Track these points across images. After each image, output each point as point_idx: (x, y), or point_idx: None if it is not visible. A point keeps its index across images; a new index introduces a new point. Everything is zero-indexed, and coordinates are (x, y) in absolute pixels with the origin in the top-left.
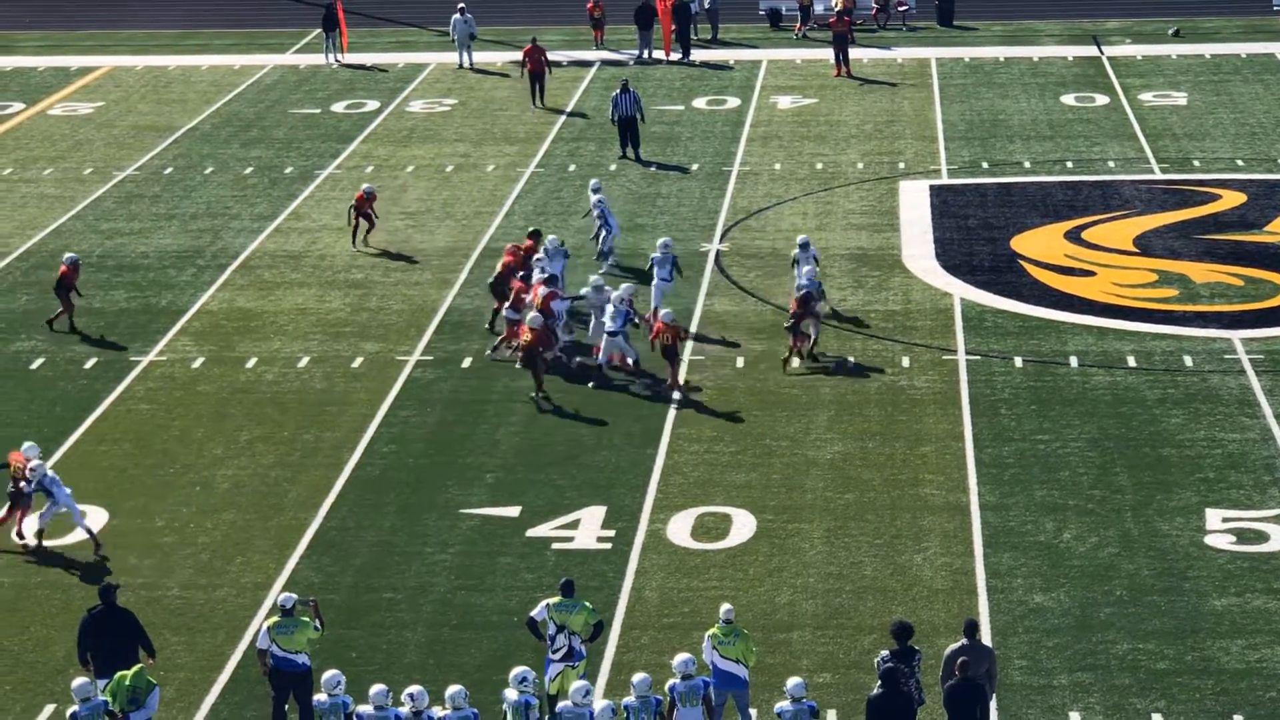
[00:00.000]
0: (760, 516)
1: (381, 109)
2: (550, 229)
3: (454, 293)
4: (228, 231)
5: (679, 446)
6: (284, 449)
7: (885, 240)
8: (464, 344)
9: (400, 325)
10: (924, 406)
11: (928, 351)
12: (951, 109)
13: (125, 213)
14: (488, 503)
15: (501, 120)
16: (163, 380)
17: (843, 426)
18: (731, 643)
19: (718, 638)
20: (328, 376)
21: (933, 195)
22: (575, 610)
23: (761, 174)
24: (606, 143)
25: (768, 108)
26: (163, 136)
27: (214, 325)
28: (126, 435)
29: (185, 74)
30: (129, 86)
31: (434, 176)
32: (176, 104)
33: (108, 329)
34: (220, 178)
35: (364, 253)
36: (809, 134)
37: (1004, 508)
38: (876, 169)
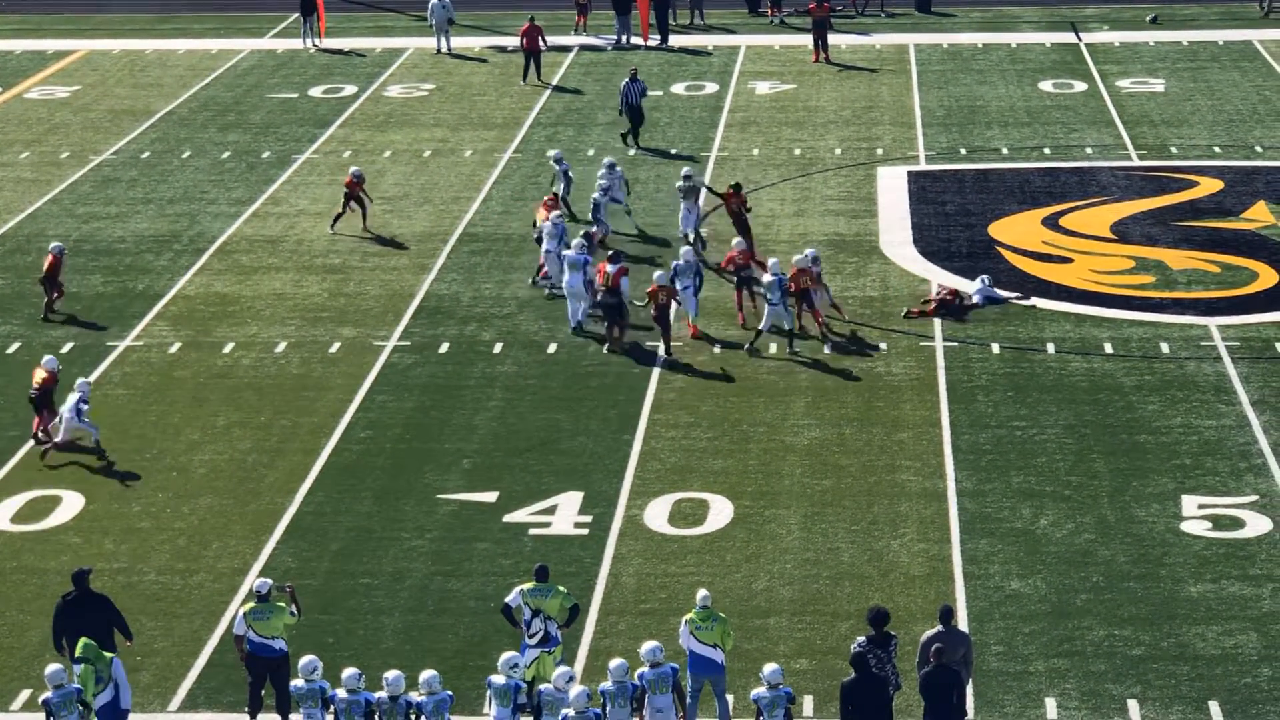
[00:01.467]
0: (737, 502)
1: (359, 94)
2: (526, 214)
3: (431, 278)
4: (205, 216)
5: (656, 432)
6: (261, 434)
7: (863, 226)
8: (441, 329)
9: (377, 310)
10: (901, 393)
11: (905, 338)
12: (930, 95)
13: (102, 197)
14: (465, 488)
15: (479, 105)
16: (139, 365)
17: (820, 412)
18: (709, 628)
19: (694, 622)
20: (305, 362)
21: (911, 181)
22: (550, 595)
23: (740, 160)
24: (585, 127)
25: (746, 93)
26: (140, 120)
27: (191, 310)
28: (103, 420)
29: (162, 58)
30: (106, 70)
31: (412, 161)
32: (153, 88)
33: (84, 313)
34: (197, 162)
35: (362, 236)
36: (787, 120)
37: (981, 494)
38: (854, 155)
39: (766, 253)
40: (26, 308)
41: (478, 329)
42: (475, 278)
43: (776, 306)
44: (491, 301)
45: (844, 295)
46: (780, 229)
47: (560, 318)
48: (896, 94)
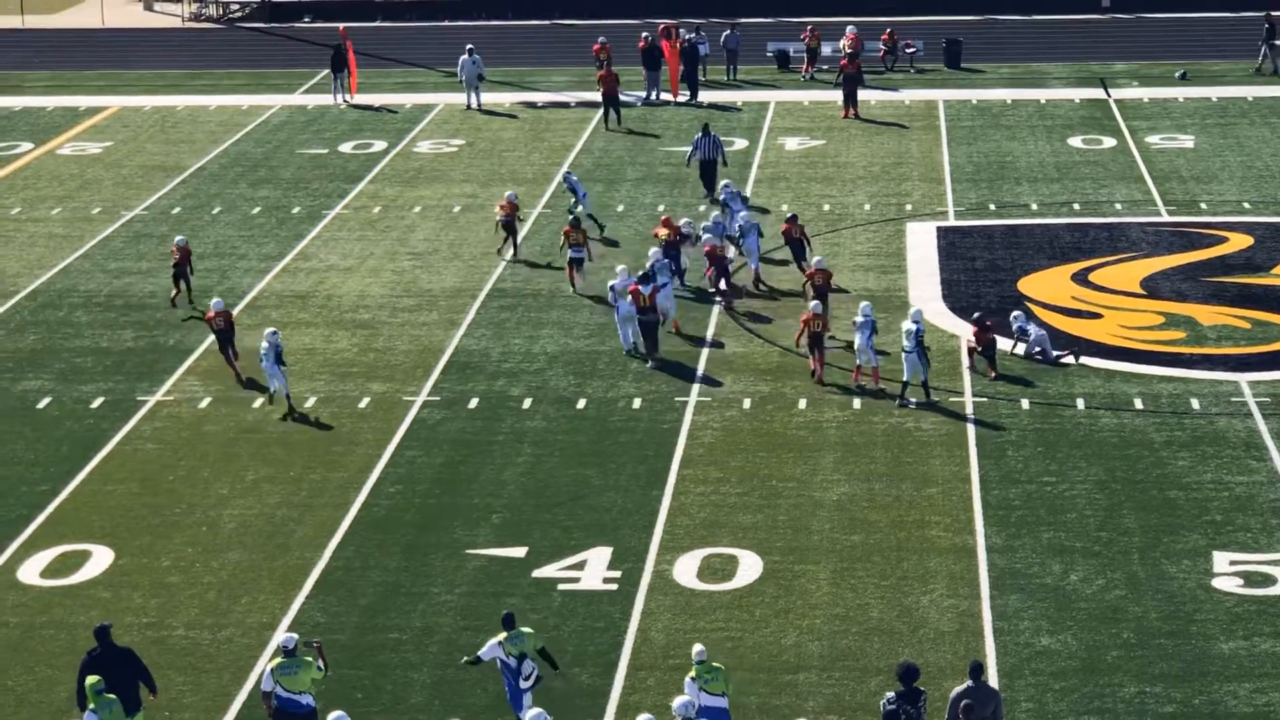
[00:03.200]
0: (767, 558)
1: (389, 149)
2: (557, 273)
3: (461, 333)
4: (235, 271)
5: (685, 488)
6: (290, 489)
7: (892, 282)
8: (471, 384)
9: (407, 365)
10: (931, 448)
11: (935, 393)
12: (959, 151)
13: (133, 252)
14: (494, 543)
15: (509, 161)
16: (169, 420)
17: (849, 468)
18: (714, 678)
19: (702, 677)
20: (335, 416)
21: (940, 237)
22: (525, 639)
23: (769, 215)
24: (614, 183)
25: (775, 149)
26: (171, 176)
27: (221, 365)
28: (133, 475)
29: (193, 114)
30: (137, 126)
31: (441, 217)
32: (185, 144)
33: (115, 368)
34: (228, 217)
35: (391, 293)
36: (816, 175)
37: (1011, 550)
38: (884, 210)
39: (796, 310)
40: (57, 362)
41: (507, 384)
42: (504, 333)
43: (911, 355)
44: (521, 357)
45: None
46: None
47: (588, 373)
48: (926, 149)
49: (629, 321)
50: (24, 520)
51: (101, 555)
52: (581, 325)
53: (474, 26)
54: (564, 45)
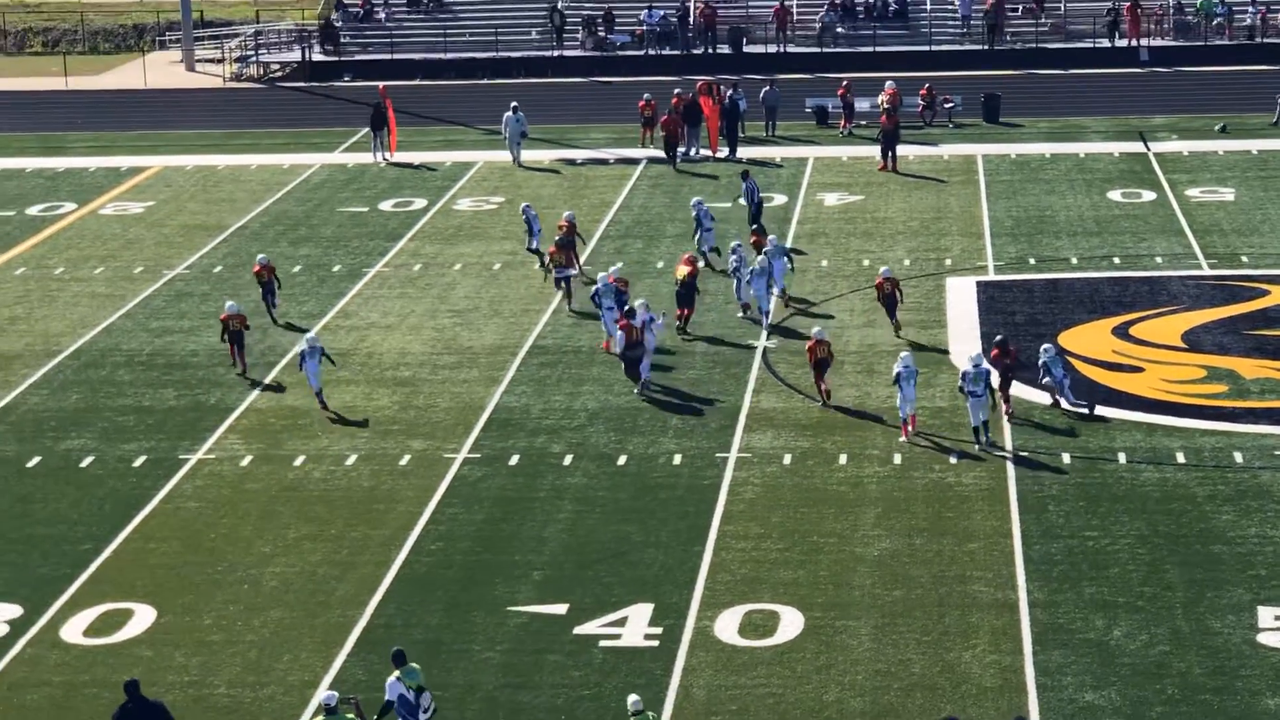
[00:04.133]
0: (808, 613)
1: (429, 207)
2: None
3: (501, 390)
4: (276, 330)
5: (726, 544)
6: (331, 546)
7: (932, 337)
8: (511, 441)
9: (448, 423)
10: (972, 503)
11: (976, 449)
12: (998, 205)
13: (175, 311)
14: (535, 600)
15: (549, 218)
16: (211, 478)
17: (890, 523)
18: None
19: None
20: (375, 474)
21: (980, 291)
22: (418, 673)
23: (809, 271)
24: (654, 240)
25: (814, 204)
26: (212, 235)
27: (262, 423)
28: (175, 533)
29: (234, 173)
30: (179, 186)
31: (481, 274)
32: (225, 203)
33: (157, 427)
34: None
35: (431, 351)
36: (856, 230)
37: (1053, 605)
38: (923, 265)
39: (835, 364)
40: (100, 421)
41: (548, 441)
42: (545, 390)
43: (981, 398)
44: (561, 414)
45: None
46: (849, 340)
47: (629, 429)
48: (965, 204)
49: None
50: (67, 579)
51: (144, 614)
52: (622, 381)
53: (513, 85)
54: (606, 101)
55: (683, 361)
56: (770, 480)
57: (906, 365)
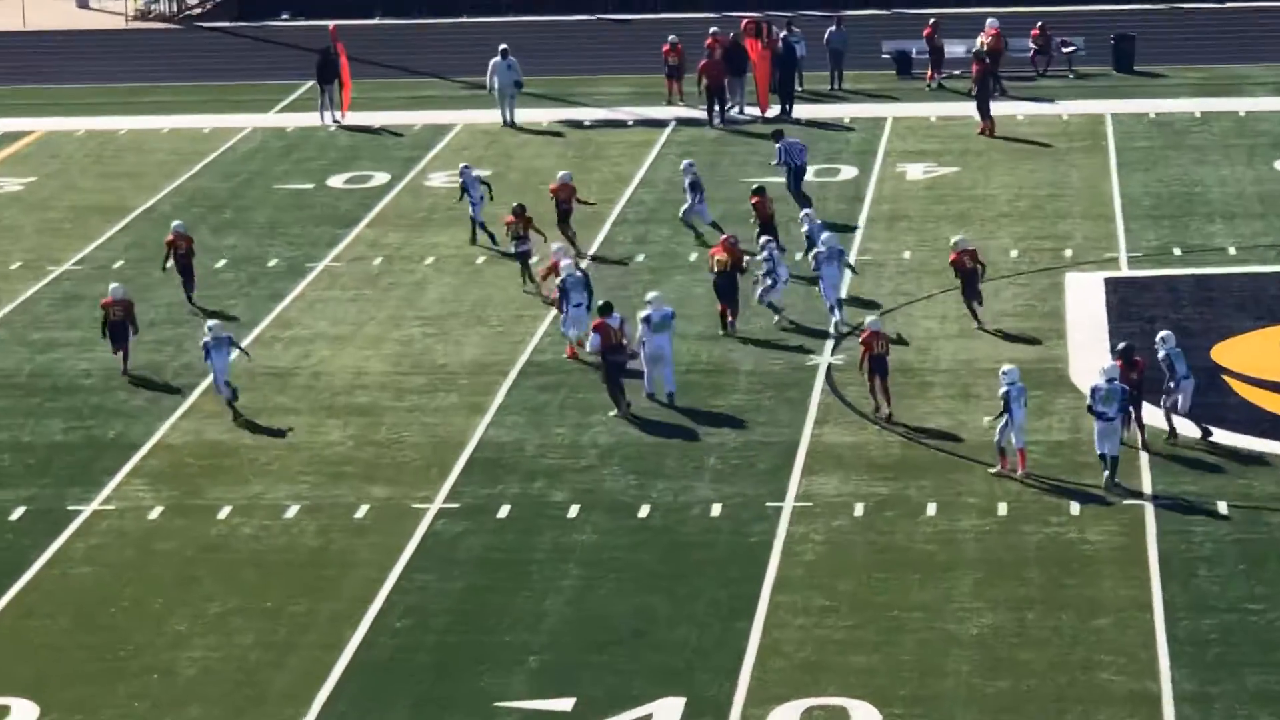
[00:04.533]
0: (886, 709)
1: (393, 183)
2: None
3: (486, 420)
4: (194, 342)
5: (780, 619)
6: (267, 624)
7: (1047, 350)
8: (500, 487)
9: (418, 463)
10: (1099, 566)
11: (1103, 494)
12: (1132, 179)
13: (63, 319)
14: (531, 694)
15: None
16: (110, 536)
17: (993, 592)
18: None
19: None
20: (324, 530)
21: (1109, 291)
22: None
23: (886, 264)
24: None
25: (894, 179)
26: (111, 220)
27: (176, 464)
28: (63, 607)
29: (139, 140)
30: (68, 156)
31: (461, 271)
32: (128, 178)
33: (39, 469)
34: None
35: (396, 370)
36: (947, 212)
37: (1207, 698)
38: (1035, 257)
39: (922, 385)
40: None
41: (547, 486)
42: (544, 420)
43: (1114, 422)
44: (565, 451)
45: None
46: (939, 354)
47: (653, 471)
48: (1090, 178)
49: (656, 362)
50: None
51: (23, 712)
52: (644, 408)
53: (503, 24)
54: (620, 48)
55: (724, 382)
56: (837, 537)
57: (1014, 382)
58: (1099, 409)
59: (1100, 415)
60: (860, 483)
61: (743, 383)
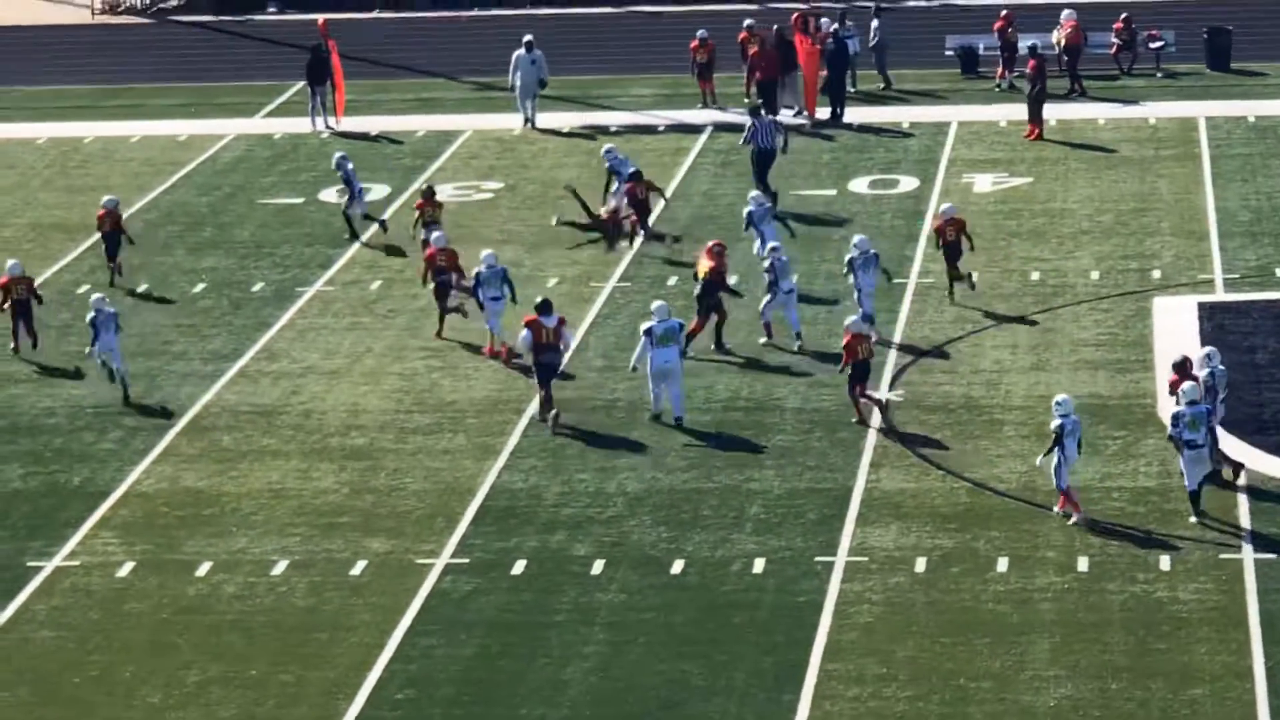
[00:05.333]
0: None
1: (393, 196)
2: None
3: (500, 464)
4: (169, 377)
5: (831, 690)
6: (252, 695)
7: (1133, 384)
8: (515, 540)
9: (421, 513)
10: (1193, 629)
11: (1198, 548)
12: (1229, 191)
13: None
14: None
15: (570, 212)
16: (75, 595)
17: (1072, 659)
18: None
19: None
20: (315, 589)
21: (1203, 317)
22: None
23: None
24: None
25: (959, 191)
26: (76, 239)
27: (150, 514)
28: (21, 676)
29: (108, 148)
30: (27, 166)
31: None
32: (95, 192)
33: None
34: (159, 298)
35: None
36: (1020, 229)
37: None
38: (1119, 279)
39: (991, 424)
40: None
41: (568, 539)
42: (564, 463)
43: (1202, 449)
44: (588, 499)
45: (1108, 484)
46: (1011, 388)
47: (688, 521)
48: (1181, 189)
49: (662, 379)
50: None
51: None
52: (678, 450)
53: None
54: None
55: (767, 420)
56: (896, 596)
57: (1067, 414)
58: (1186, 436)
59: (1189, 444)
60: (922, 534)
61: (789, 421)
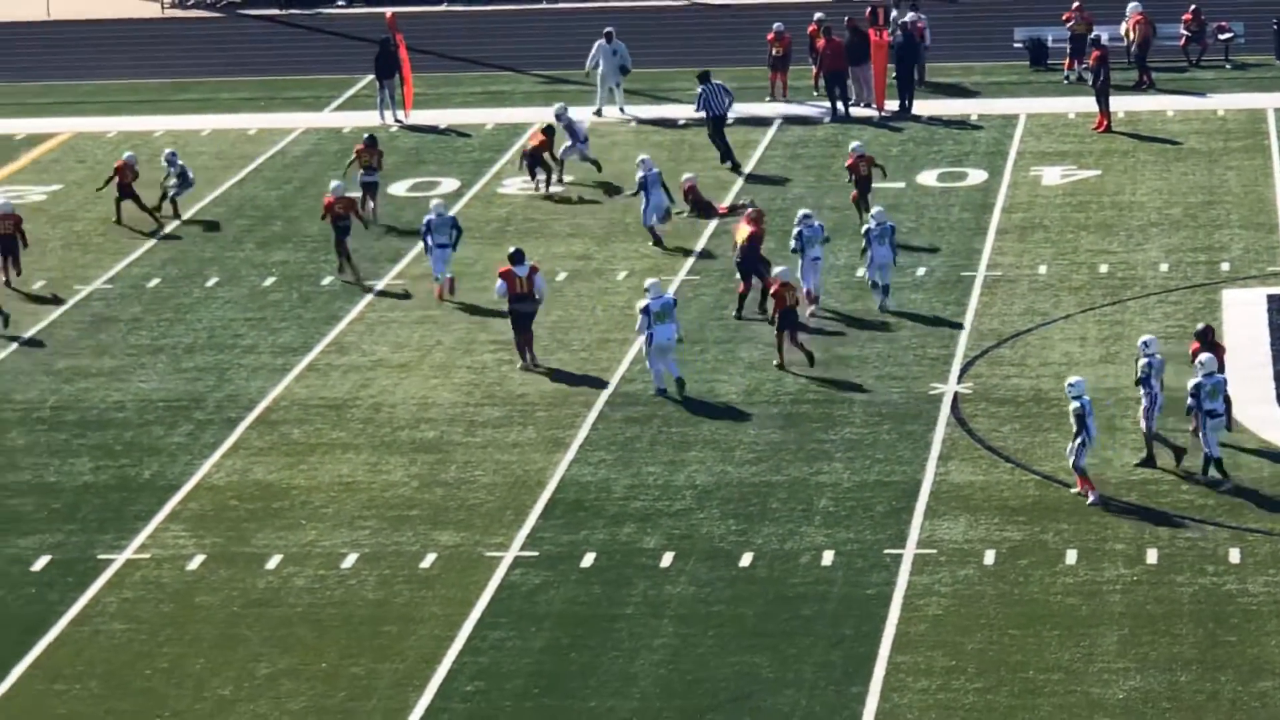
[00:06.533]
0: None
1: (463, 190)
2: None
3: (569, 457)
4: (239, 371)
5: (900, 682)
6: (322, 688)
7: None
8: (584, 533)
9: (491, 506)
10: (1263, 621)
11: (1268, 540)
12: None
13: (91, 345)
14: None
15: (638, 205)
16: (145, 588)
17: (1141, 651)
18: None
19: None
20: (385, 582)
21: (1273, 310)
22: None
23: (1019, 280)
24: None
25: (1027, 184)
26: (145, 233)
27: (220, 507)
28: (93, 668)
29: (179, 142)
30: (97, 161)
31: None
32: None
33: (65, 514)
34: (229, 292)
35: (465, 402)
36: (1089, 221)
37: None
38: (1189, 272)
39: (1060, 416)
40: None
41: (637, 532)
42: (633, 457)
43: (1221, 419)
44: (658, 492)
45: (1173, 479)
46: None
47: (756, 514)
48: (1250, 181)
49: (662, 354)
50: None
51: None
52: (747, 443)
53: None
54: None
55: (836, 413)
56: (965, 588)
57: (1081, 395)
58: (1207, 406)
59: (1210, 413)
60: (991, 527)
61: (857, 414)
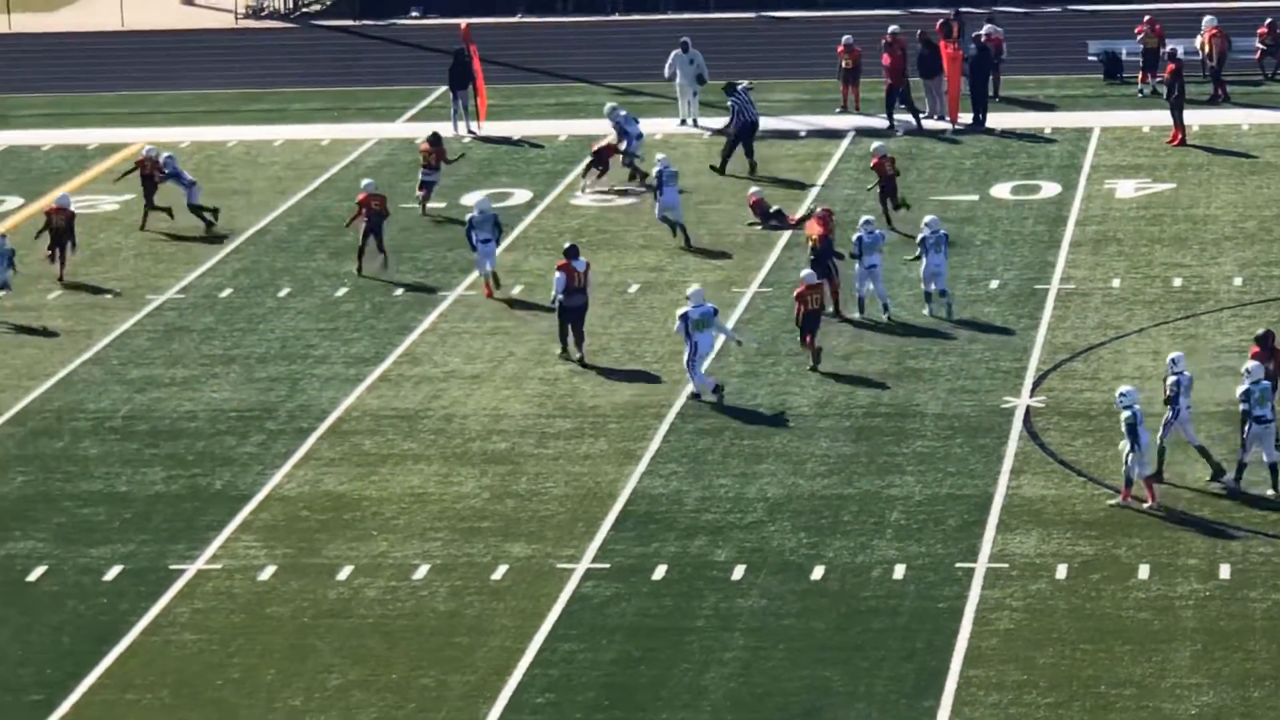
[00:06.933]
0: None
1: (535, 202)
2: (778, 381)
3: (641, 469)
4: (311, 381)
5: (972, 695)
6: (392, 699)
7: None
8: (656, 545)
9: (562, 518)
10: None
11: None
12: None
13: (163, 354)
14: None
15: (711, 217)
16: (216, 598)
17: (1215, 665)
18: None
19: None
20: (456, 593)
21: None
22: None
23: (1092, 294)
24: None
25: (1101, 197)
26: (219, 243)
27: (291, 517)
28: (164, 678)
29: (251, 152)
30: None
31: (612, 300)
32: (238, 196)
33: (137, 523)
34: (301, 303)
35: (537, 413)
36: (1163, 235)
37: None
38: (1264, 286)
39: None
40: (55, 515)
41: (709, 545)
42: (705, 469)
43: (1270, 425)
44: (729, 504)
45: (1252, 492)
46: (1154, 395)
47: (828, 528)
48: None
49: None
50: None
51: None
52: (818, 456)
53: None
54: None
55: (908, 426)
56: (1037, 603)
57: (1131, 405)
58: (1256, 412)
59: (1259, 419)
60: (1063, 541)
61: (929, 427)
